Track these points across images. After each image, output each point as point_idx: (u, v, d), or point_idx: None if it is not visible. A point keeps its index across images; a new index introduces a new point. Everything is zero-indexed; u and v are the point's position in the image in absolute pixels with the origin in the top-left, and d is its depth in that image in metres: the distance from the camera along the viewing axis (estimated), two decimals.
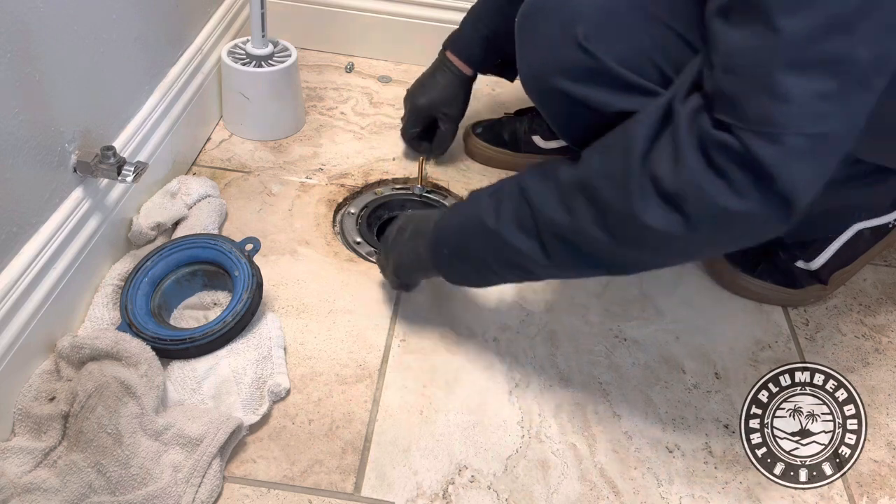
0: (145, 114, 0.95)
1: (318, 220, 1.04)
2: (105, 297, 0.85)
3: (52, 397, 0.73)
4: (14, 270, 0.72)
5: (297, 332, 0.88)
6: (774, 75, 0.56)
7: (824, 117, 0.56)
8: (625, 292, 0.99)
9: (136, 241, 0.92)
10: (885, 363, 0.94)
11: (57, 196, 0.78)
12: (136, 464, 0.69)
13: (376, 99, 1.30)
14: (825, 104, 0.56)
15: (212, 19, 1.16)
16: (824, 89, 0.56)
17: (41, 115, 0.73)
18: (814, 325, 0.98)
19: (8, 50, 0.66)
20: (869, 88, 0.57)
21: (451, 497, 0.75)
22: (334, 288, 0.95)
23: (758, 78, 0.57)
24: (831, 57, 0.55)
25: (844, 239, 0.97)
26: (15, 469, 0.69)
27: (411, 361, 0.87)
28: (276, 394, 0.80)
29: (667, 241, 0.64)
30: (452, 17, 1.33)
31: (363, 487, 0.74)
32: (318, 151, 1.17)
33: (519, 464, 0.78)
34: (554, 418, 0.83)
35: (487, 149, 1.18)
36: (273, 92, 1.15)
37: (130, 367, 0.74)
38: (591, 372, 0.89)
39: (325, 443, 0.78)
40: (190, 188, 1.00)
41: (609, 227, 0.67)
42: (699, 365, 0.91)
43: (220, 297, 0.90)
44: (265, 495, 0.72)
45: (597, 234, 0.67)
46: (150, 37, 0.95)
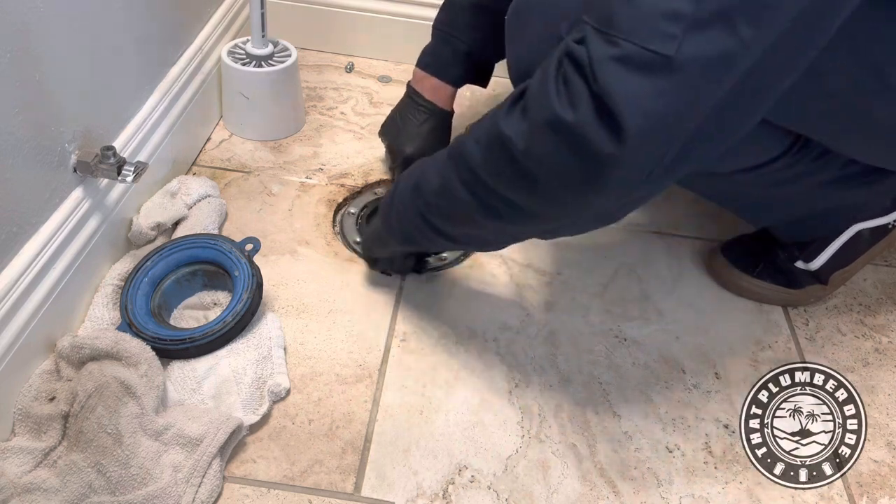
0: (145, 114, 0.95)
1: (318, 220, 1.04)
2: (105, 297, 0.85)
3: (52, 397, 0.73)
4: (14, 270, 0.72)
5: (297, 332, 0.88)
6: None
7: (669, 38, 0.52)
8: (625, 292, 0.99)
9: (136, 241, 0.92)
10: (885, 363, 0.94)
11: (57, 196, 0.78)
12: (136, 464, 0.69)
13: (376, 99, 1.30)
14: (673, 25, 0.51)
15: (212, 19, 1.16)
16: (675, 8, 0.51)
17: (41, 115, 0.73)
18: (814, 325, 0.98)
19: (8, 50, 0.66)
20: (733, 30, 0.51)
21: (451, 497, 0.75)
22: (334, 288, 0.95)
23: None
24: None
25: (844, 239, 0.97)
26: (15, 469, 0.69)
27: (411, 361, 0.87)
28: (276, 394, 0.80)
29: (513, 155, 0.62)
30: None
31: (363, 487, 0.74)
32: (318, 151, 1.17)
33: (519, 464, 0.78)
34: (554, 418, 0.83)
35: None
36: (273, 92, 1.15)
37: (130, 367, 0.74)
38: (591, 372, 0.89)
39: (325, 443, 0.78)
40: (190, 188, 1.00)
41: (479, 137, 0.66)
42: (699, 365, 0.91)
43: (220, 297, 0.90)
44: (265, 495, 0.72)
45: (471, 145, 0.67)
46: (150, 37, 0.95)
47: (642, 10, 0.53)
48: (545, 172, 0.61)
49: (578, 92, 0.55)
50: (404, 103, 1.09)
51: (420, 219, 0.77)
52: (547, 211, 0.66)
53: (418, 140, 1.06)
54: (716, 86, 0.54)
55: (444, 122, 1.09)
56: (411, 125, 1.07)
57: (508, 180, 0.65)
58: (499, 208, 0.68)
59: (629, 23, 0.53)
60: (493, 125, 0.64)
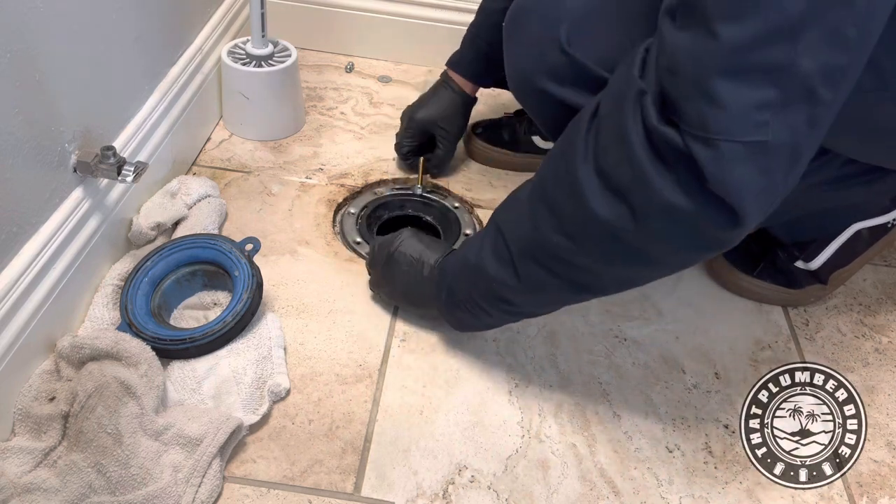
0: (145, 114, 0.95)
1: (318, 220, 1.04)
2: (105, 297, 0.85)
3: (52, 397, 0.73)
4: (14, 270, 0.72)
5: (297, 332, 0.88)
6: (711, 81, 0.55)
7: (762, 126, 0.55)
8: (625, 293, 0.99)
9: (136, 241, 0.92)
10: (885, 363, 0.94)
11: (57, 196, 0.78)
12: (136, 464, 0.69)
13: (376, 99, 1.30)
14: (764, 113, 0.55)
15: (212, 19, 1.16)
16: (763, 98, 0.55)
17: (41, 115, 0.73)
18: (814, 325, 0.98)
19: (8, 50, 0.66)
20: (815, 99, 0.55)
21: (451, 497, 0.75)
22: (334, 288, 0.95)
23: (696, 83, 0.56)
24: (771, 66, 0.54)
25: (843, 239, 0.97)
26: (15, 469, 0.69)
27: (411, 361, 0.87)
28: (276, 394, 0.80)
29: (617, 236, 0.63)
30: (452, 17, 1.34)
31: (363, 487, 0.74)
32: (318, 151, 1.17)
33: (519, 464, 0.78)
34: (554, 418, 0.83)
35: (487, 149, 1.18)
36: (273, 92, 1.15)
37: (130, 367, 0.74)
38: (591, 372, 0.89)
39: (325, 443, 0.78)
40: (190, 188, 1.00)
41: (566, 230, 0.67)
42: (699, 365, 0.91)
43: (220, 297, 0.90)
44: (265, 495, 0.72)
45: (558, 239, 0.67)
46: (150, 37, 0.95)
47: (732, 109, 0.55)
48: (662, 246, 0.64)
49: (687, 181, 0.58)
50: (435, 83, 1.14)
51: (505, 314, 0.80)
52: (660, 271, 0.70)
53: (432, 109, 1.11)
54: (805, 146, 0.58)
55: (463, 104, 1.12)
56: (432, 97, 1.12)
57: (621, 257, 0.67)
58: (604, 282, 0.71)
59: (724, 124, 0.55)
60: (579, 213, 0.64)
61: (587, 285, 0.71)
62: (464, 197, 1.12)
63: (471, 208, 1.11)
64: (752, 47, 0.53)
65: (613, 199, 0.62)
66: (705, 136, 0.56)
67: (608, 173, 0.62)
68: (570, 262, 0.68)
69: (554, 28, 0.78)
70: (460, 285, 0.79)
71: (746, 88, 0.54)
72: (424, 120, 1.10)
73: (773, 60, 0.54)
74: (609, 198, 0.62)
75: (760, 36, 0.53)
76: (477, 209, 1.10)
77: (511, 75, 0.86)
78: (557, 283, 0.71)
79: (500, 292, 0.76)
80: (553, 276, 0.71)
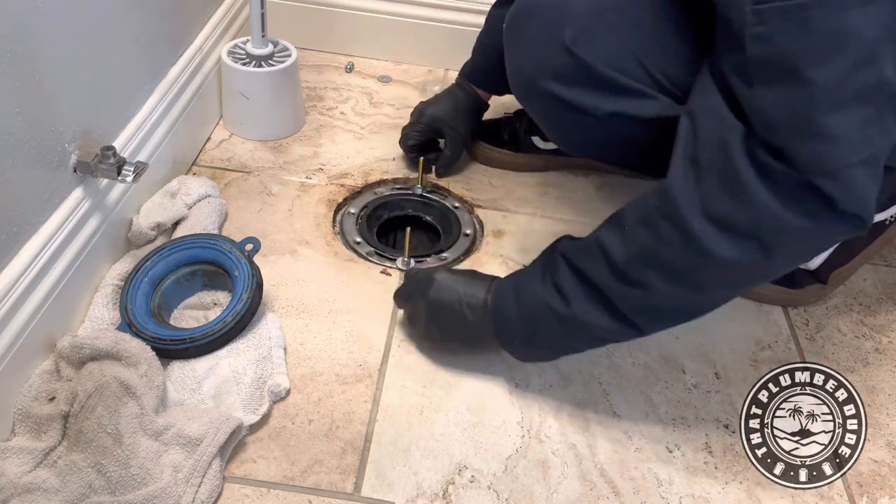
0: (145, 114, 0.95)
1: (318, 220, 1.04)
2: (105, 297, 0.85)
3: (52, 397, 0.73)
4: (14, 270, 0.72)
5: (297, 332, 0.88)
6: (818, 121, 0.59)
7: (869, 141, 0.60)
8: None
9: (136, 241, 0.92)
10: (885, 363, 0.94)
11: (57, 196, 0.78)
12: (136, 464, 0.69)
13: (376, 99, 1.30)
14: (868, 130, 0.60)
15: (212, 19, 1.16)
16: (865, 117, 0.60)
17: (41, 115, 0.73)
18: (814, 325, 0.98)
19: (8, 50, 0.66)
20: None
21: (451, 497, 0.75)
22: (334, 288, 0.95)
23: (803, 128, 0.60)
24: (865, 89, 0.59)
25: None
26: (15, 469, 0.69)
27: (411, 361, 0.87)
28: (276, 394, 0.80)
29: (748, 270, 0.68)
30: (452, 17, 1.34)
31: (363, 487, 0.74)
32: (318, 151, 1.17)
33: (519, 464, 0.78)
34: (554, 418, 0.83)
35: (488, 149, 1.18)
36: (273, 92, 1.15)
37: (130, 367, 0.74)
38: (591, 372, 0.89)
39: (325, 443, 0.78)
40: (190, 188, 1.00)
41: (689, 282, 0.69)
42: (699, 365, 0.91)
43: (220, 297, 0.90)
44: (265, 495, 0.72)
45: (677, 291, 0.70)
46: (150, 37, 0.95)
47: (843, 138, 0.60)
48: (788, 265, 0.71)
49: (817, 209, 0.62)
50: (450, 85, 1.15)
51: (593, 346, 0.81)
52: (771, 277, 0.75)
53: (444, 107, 1.11)
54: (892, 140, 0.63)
55: (475, 107, 1.13)
56: (446, 96, 1.12)
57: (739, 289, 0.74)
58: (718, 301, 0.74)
59: (841, 154, 0.61)
60: (697, 256, 0.67)
61: (707, 308, 0.73)
62: (464, 197, 1.12)
63: (471, 208, 1.11)
64: (846, 79, 0.59)
65: (739, 240, 0.65)
66: (827, 170, 0.60)
67: (724, 217, 0.65)
68: (692, 302, 0.72)
69: (558, 30, 0.77)
70: (545, 331, 0.77)
71: (850, 116, 0.59)
72: (435, 116, 1.11)
73: (866, 83, 0.59)
74: (733, 240, 0.65)
75: (850, 67, 0.58)
76: (477, 209, 1.10)
77: (513, 78, 0.86)
78: (677, 317, 0.75)
79: (607, 337, 0.77)
80: (671, 316, 0.74)
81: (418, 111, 1.13)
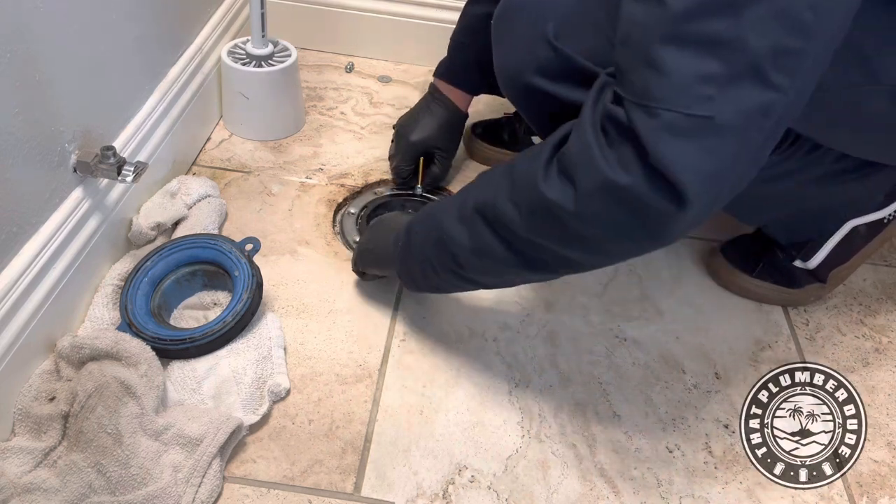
0: (145, 114, 0.95)
1: (318, 220, 1.04)
2: (105, 297, 0.85)
3: (52, 397, 0.73)
4: (14, 270, 0.72)
5: (297, 332, 0.88)
6: (654, 47, 0.54)
7: (707, 100, 0.53)
8: (625, 293, 0.99)
9: (136, 241, 0.92)
10: (885, 363, 0.94)
11: (57, 196, 0.78)
12: (136, 464, 0.69)
13: (376, 99, 1.30)
14: (708, 87, 0.53)
15: (212, 19, 1.16)
16: (706, 70, 0.53)
17: (41, 115, 0.73)
18: (814, 325, 0.98)
19: (8, 50, 0.66)
20: (767, 83, 0.53)
21: (451, 497, 0.75)
22: (334, 288, 0.95)
23: (641, 50, 0.55)
24: (713, 37, 0.53)
25: (839, 236, 0.97)
26: (15, 469, 0.69)
27: (411, 361, 0.87)
28: (276, 394, 0.80)
29: (559, 217, 0.62)
30: (453, 17, 1.33)
31: (363, 487, 0.74)
32: (318, 151, 1.17)
33: (519, 464, 0.78)
34: (554, 418, 0.83)
35: (487, 149, 1.18)
36: (273, 92, 1.15)
37: (130, 367, 0.74)
38: (591, 372, 0.89)
39: (325, 443, 0.78)
40: (190, 188, 1.00)
41: (518, 201, 0.66)
42: (699, 365, 0.91)
43: (220, 297, 0.90)
44: (265, 495, 0.72)
45: (508, 208, 0.67)
46: (150, 37, 0.95)
47: (675, 78, 0.54)
48: (601, 231, 0.62)
49: (629, 157, 0.56)
50: (424, 98, 1.11)
51: (453, 275, 0.77)
52: (600, 260, 0.68)
53: (427, 130, 1.08)
54: (757, 133, 0.55)
55: (457, 121, 1.10)
56: (425, 115, 1.09)
57: (559, 239, 0.65)
58: (546, 260, 0.69)
59: (666, 92, 0.54)
60: (531, 189, 0.64)
61: (530, 261, 0.69)
62: None
63: None
64: (696, 16, 0.52)
65: (562, 180, 0.61)
66: (647, 104, 0.54)
67: (563, 153, 0.62)
68: (516, 232, 0.67)
69: (542, 24, 0.78)
70: (417, 238, 0.78)
71: (689, 58, 0.53)
72: (420, 142, 1.08)
73: (717, 32, 0.52)
74: (558, 178, 0.62)
75: (704, 5, 0.52)
76: None
77: (500, 73, 0.86)
78: (503, 251, 0.70)
79: (451, 249, 0.74)
80: (500, 242, 0.69)
81: (402, 138, 1.09)
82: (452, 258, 0.74)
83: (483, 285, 0.79)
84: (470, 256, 0.73)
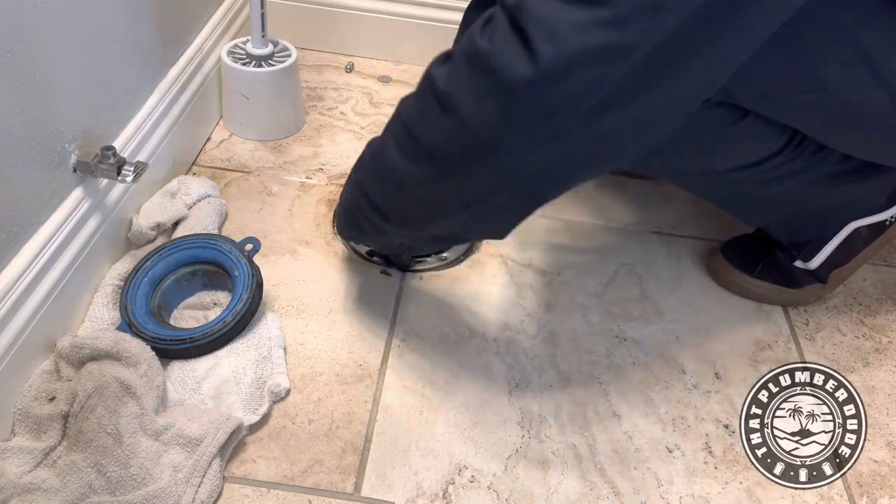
0: (145, 114, 0.95)
1: (318, 220, 1.04)
2: (105, 297, 0.85)
3: (51, 397, 0.73)
4: (14, 270, 0.72)
5: (297, 332, 0.88)
6: None
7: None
8: (625, 293, 0.99)
9: (136, 241, 0.92)
10: (885, 363, 0.94)
11: (57, 196, 0.78)
12: (136, 464, 0.69)
13: (376, 99, 1.31)
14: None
15: (212, 19, 1.16)
16: None
17: (41, 115, 0.73)
18: (814, 325, 0.98)
19: (8, 50, 0.66)
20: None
21: (451, 497, 0.75)
22: (334, 288, 0.95)
23: None
24: None
25: (841, 237, 0.97)
26: (15, 469, 0.69)
27: (411, 361, 0.87)
28: (276, 394, 0.80)
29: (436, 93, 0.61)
30: (453, 17, 1.34)
31: (363, 487, 0.74)
32: (318, 151, 1.17)
33: (519, 464, 0.78)
34: (554, 418, 0.83)
35: None
36: (273, 92, 1.15)
37: (130, 367, 0.74)
38: (591, 372, 0.89)
39: (325, 443, 0.78)
40: (190, 188, 1.00)
41: (418, 93, 0.66)
42: (699, 365, 0.91)
43: (220, 297, 0.90)
44: (265, 495, 0.72)
45: (409, 101, 0.67)
46: (150, 37, 0.95)
47: None
48: (459, 103, 0.58)
49: (498, 21, 0.53)
50: None
51: (358, 190, 0.76)
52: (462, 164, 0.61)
53: None
54: (643, 34, 0.49)
55: None
56: None
57: (429, 124, 0.62)
58: (417, 158, 0.65)
59: None
60: (424, 74, 0.63)
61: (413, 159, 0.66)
62: None
63: None
64: None
65: (445, 58, 0.62)
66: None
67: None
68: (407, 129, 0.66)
69: None
70: (359, 174, 0.78)
71: None
72: None
73: None
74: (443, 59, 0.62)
75: None
76: None
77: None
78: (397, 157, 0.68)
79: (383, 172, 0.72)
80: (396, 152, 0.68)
81: None
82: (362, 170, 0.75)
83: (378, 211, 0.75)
84: (370, 160, 0.73)
